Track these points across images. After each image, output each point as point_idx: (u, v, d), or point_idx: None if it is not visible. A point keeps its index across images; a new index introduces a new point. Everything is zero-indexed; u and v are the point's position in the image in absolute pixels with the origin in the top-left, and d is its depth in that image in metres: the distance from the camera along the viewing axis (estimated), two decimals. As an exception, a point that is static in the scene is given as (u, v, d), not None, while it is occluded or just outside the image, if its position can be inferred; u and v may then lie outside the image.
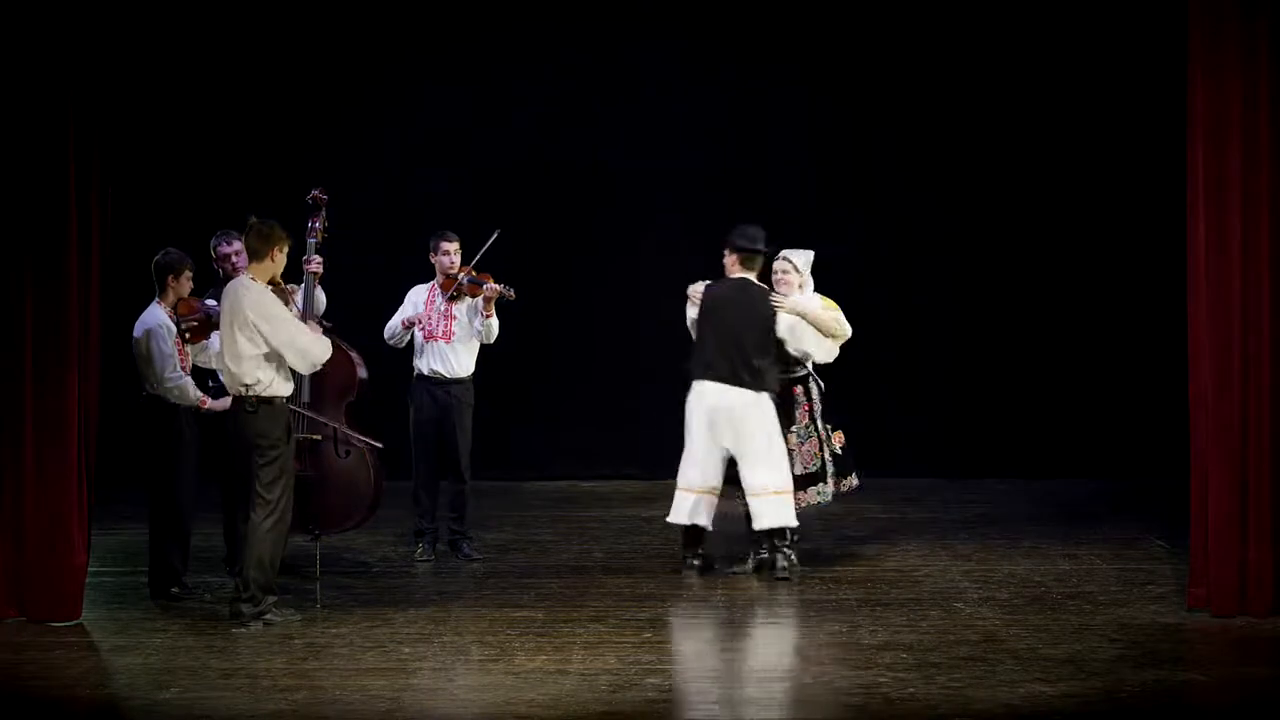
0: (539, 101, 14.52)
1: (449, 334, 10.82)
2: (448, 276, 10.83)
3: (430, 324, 10.82)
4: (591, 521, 12.44)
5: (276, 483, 9.07)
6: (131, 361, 9.73)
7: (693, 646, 8.57)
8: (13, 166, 9.04)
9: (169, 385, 9.59)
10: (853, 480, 10.47)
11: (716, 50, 14.46)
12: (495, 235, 10.72)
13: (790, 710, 7.65)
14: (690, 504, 10.31)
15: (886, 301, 14.56)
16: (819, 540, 11.30)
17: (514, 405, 14.26)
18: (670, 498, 10.43)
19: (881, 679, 7.92)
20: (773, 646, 8.83)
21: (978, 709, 7.45)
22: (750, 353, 10.19)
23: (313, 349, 9.18)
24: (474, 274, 10.78)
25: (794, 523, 10.21)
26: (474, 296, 10.78)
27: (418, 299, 10.91)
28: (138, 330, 9.67)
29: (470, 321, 10.82)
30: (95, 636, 8.93)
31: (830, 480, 10.37)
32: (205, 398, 9.70)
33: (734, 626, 9.11)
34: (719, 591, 9.90)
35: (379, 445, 10.21)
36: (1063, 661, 8.17)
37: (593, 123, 14.53)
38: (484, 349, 10.98)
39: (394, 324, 10.88)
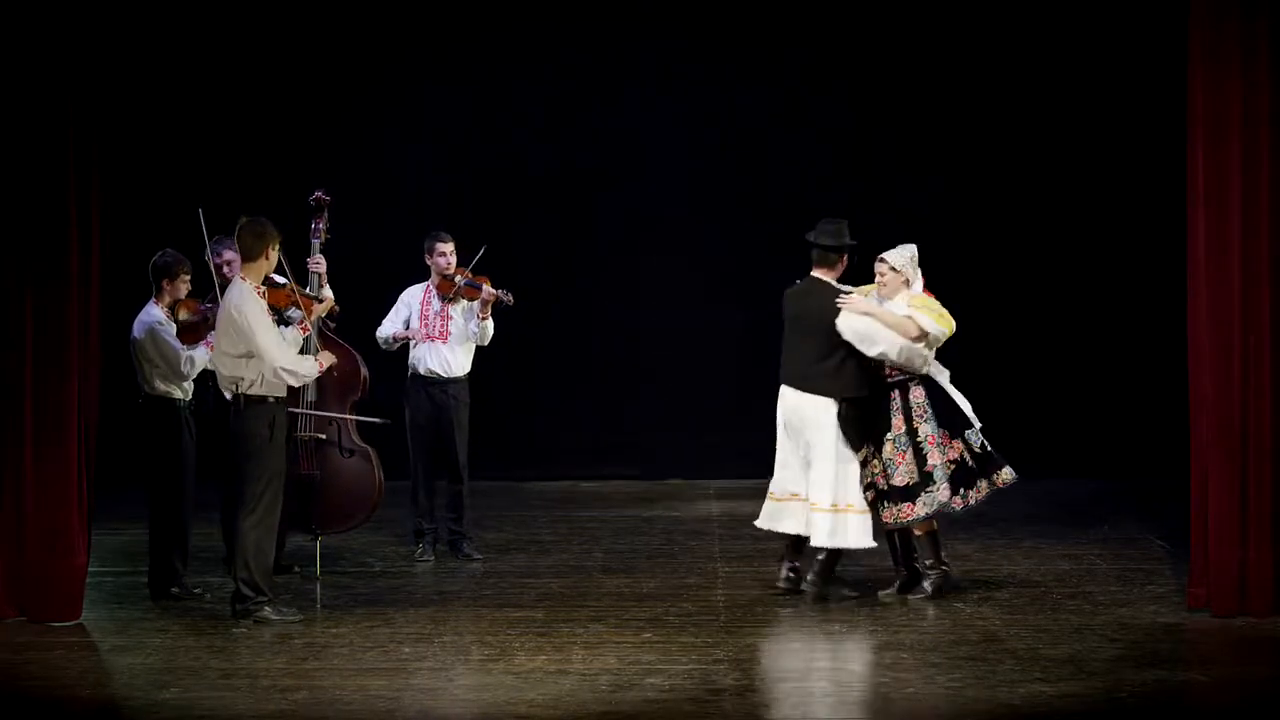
0: (539, 101, 14.52)
1: (445, 334, 10.82)
2: (444, 277, 10.82)
3: (426, 324, 10.82)
4: (591, 521, 12.44)
5: (259, 482, 9.07)
6: (131, 363, 9.73)
7: (693, 647, 8.56)
8: (12, 167, 9.03)
9: (194, 364, 9.57)
10: (971, 494, 9.53)
11: (716, 50, 14.46)
12: (482, 250, 10.74)
13: (790, 710, 7.65)
14: (771, 510, 9.75)
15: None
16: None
17: (514, 405, 14.26)
18: (672, 498, 10.44)
19: (881, 679, 7.91)
20: (772, 647, 8.82)
21: (978, 709, 7.44)
22: (813, 355, 9.65)
23: (284, 364, 9.09)
24: (471, 277, 10.78)
25: (835, 544, 9.55)
26: (471, 300, 10.78)
27: (412, 300, 10.90)
28: (137, 330, 9.67)
29: (466, 322, 10.82)
30: (95, 636, 8.92)
31: (940, 489, 9.47)
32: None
33: (734, 627, 9.10)
34: (719, 592, 9.90)
35: (382, 421, 10.26)
36: (1063, 661, 8.17)
37: (592, 123, 14.53)
38: (483, 348, 10.99)
39: (386, 332, 10.86)
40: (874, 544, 9.62)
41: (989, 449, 9.65)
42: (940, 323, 9.56)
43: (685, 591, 9.90)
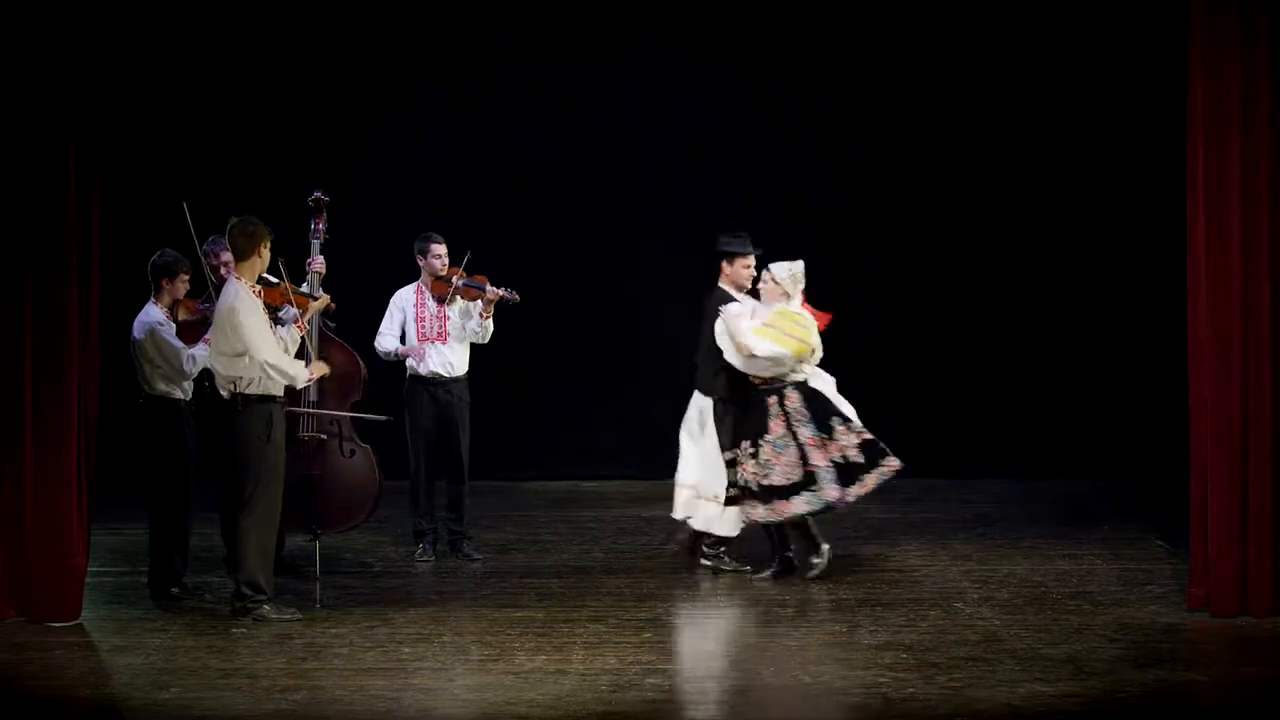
0: (539, 101, 14.52)
1: (444, 335, 10.81)
2: (437, 278, 10.81)
3: (423, 326, 10.80)
4: (591, 521, 12.44)
5: (258, 481, 9.08)
6: (131, 363, 9.74)
7: (693, 647, 8.57)
8: (13, 168, 9.04)
9: (196, 363, 9.58)
10: (856, 488, 10.02)
11: (716, 50, 14.46)
12: (468, 256, 10.74)
13: (790, 710, 7.65)
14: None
15: (886, 300, 14.57)
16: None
17: (515, 405, 14.26)
18: (672, 498, 10.42)
19: (881, 679, 7.91)
20: (773, 647, 8.82)
21: (978, 709, 7.45)
22: (703, 359, 10.39)
23: (271, 359, 9.09)
24: (468, 277, 10.76)
25: (727, 532, 10.27)
26: (470, 300, 10.76)
27: (405, 303, 10.88)
28: (138, 331, 9.68)
29: (462, 322, 10.81)
30: (95, 636, 8.93)
31: (826, 486, 9.97)
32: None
33: (733, 627, 9.11)
34: (719, 592, 9.90)
35: (384, 418, 10.28)
36: (1063, 661, 8.17)
37: (592, 123, 14.53)
38: (485, 349, 10.98)
39: (387, 347, 10.84)
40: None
41: (871, 440, 10.13)
42: (781, 343, 10.09)
43: (685, 591, 9.90)
